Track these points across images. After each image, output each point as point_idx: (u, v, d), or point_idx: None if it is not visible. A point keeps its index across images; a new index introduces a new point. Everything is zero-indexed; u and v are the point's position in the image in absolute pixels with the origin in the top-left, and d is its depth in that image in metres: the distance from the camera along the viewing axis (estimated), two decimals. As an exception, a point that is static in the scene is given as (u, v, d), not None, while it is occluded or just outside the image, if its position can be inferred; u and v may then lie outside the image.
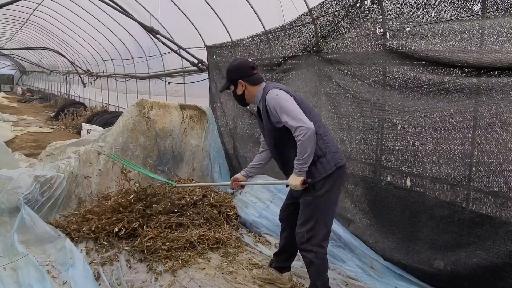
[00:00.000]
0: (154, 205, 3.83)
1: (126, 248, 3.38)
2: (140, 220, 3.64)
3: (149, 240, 3.40)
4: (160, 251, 3.30)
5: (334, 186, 2.45)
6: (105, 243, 3.43)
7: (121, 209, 3.72)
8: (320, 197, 2.40)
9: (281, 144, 2.50)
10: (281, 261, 2.90)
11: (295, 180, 2.39)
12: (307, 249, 2.46)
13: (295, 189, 2.45)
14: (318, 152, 2.39)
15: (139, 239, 3.44)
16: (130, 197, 3.78)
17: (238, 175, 2.94)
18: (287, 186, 2.51)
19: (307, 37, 3.96)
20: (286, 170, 2.57)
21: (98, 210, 3.74)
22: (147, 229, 3.55)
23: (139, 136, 4.87)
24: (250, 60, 2.70)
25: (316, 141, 2.33)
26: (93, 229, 3.49)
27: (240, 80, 2.56)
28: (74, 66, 14.15)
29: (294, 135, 2.29)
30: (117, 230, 3.49)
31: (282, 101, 2.34)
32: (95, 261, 3.17)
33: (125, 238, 3.54)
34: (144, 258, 3.24)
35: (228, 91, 2.68)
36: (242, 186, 2.99)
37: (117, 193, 4.06)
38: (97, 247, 3.41)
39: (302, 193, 2.47)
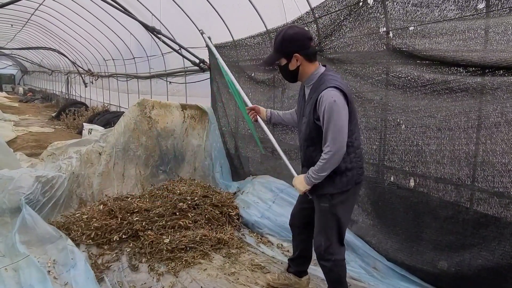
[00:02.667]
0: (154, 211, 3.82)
1: (127, 249, 3.36)
2: (142, 223, 3.61)
3: (150, 243, 3.38)
4: (164, 251, 3.28)
5: (351, 197, 2.39)
6: (107, 244, 3.42)
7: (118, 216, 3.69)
8: (337, 205, 2.32)
9: (312, 142, 2.34)
10: (298, 265, 2.85)
11: (301, 185, 2.35)
12: (326, 258, 2.39)
13: (294, 187, 2.43)
14: (348, 165, 2.28)
15: (141, 240, 3.42)
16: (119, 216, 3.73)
17: (262, 109, 2.79)
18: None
19: (309, 37, 3.94)
20: (307, 164, 2.46)
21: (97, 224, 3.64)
22: (149, 231, 3.52)
23: (141, 136, 4.86)
24: (307, 29, 2.41)
25: (350, 153, 2.25)
26: (92, 236, 3.45)
27: (297, 54, 2.21)
28: (75, 66, 14.15)
29: (324, 148, 2.18)
30: (117, 238, 3.45)
31: (335, 113, 2.10)
32: (97, 262, 3.15)
33: (127, 239, 3.52)
34: (146, 259, 3.22)
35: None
36: (256, 120, 2.82)
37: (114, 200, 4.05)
38: (98, 248, 3.39)
39: (318, 198, 2.39)
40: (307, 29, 3.92)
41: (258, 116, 2.81)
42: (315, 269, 3.18)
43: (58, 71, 19.44)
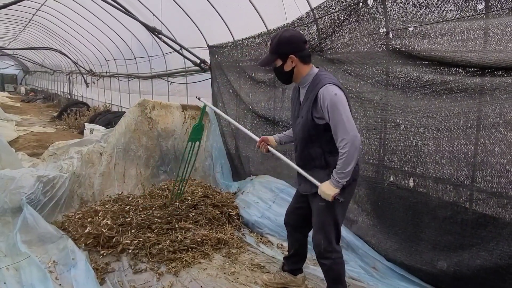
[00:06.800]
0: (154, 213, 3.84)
1: (128, 250, 3.37)
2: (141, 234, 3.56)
3: (153, 246, 3.39)
4: (165, 252, 3.29)
5: (347, 193, 2.40)
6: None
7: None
8: (335, 203, 2.32)
9: (311, 140, 2.35)
10: (293, 263, 2.87)
11: (329, 190, 2.24)
12: (326, 256, 2.40)
13: (323, 196, 2.29)
14: None
15: (141, 242, 3.43)
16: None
17: (270, 137, 2.71)
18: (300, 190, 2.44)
19: (309, 37, 3.94)
20: (303, 164, 2.46)
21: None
22: (149, 234, 3.53)
23: (141, 136, 4.88)
24: (306, 29, 2.45)
25: None
26: (88, 243, 3.39)
27: (292, 55, 2.28)
28: (77, 66, 14.19)
29: (338, 145, 2.17)
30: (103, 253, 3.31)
31: (340, 105, 2.13)
32: (97, 262, 3.17)
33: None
34: (147, 260, 3.23)
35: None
36: (268, 151, 2.69)
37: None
38: (99, 248, 3.40)
39: (315, 199, 2.39)
40: (303, 32, 3.95)
41: (268, 146, 2.71)
42: (314, 269, 3.19)
43: (60, 71, 19.49)
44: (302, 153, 2.46)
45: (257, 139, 2.77)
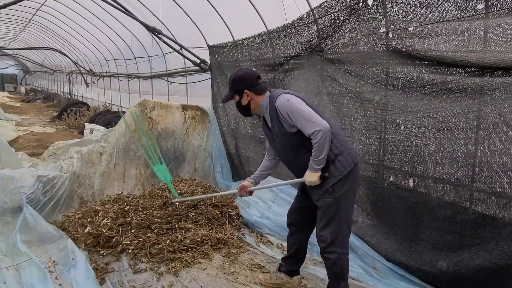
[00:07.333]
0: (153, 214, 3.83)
1: (128, 250, 3.36)
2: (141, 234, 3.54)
3: (152, 246, 3.39)
4: (165, 252, 3.29)
5: (352, 184, 2.45)
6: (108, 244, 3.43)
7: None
8: (340, 198, 2.38)
9: (297, 149, 2.46)
10: (291, 264, 2.87)
11: (312, 177, 2.40)
12: (331, 250, 2.42)
13: (312, 185, 2.43)
14: (335, 151, 2.39)
15: (141, 242, 3.43)
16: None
17: (245, 183, 2.87)
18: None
19: (309, 37, 3.95)
20: (303, 171, 2.50)
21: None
22: (149, 234, 3.53)
23: (142, 136, 4.87)
24: (254, 70, 2.65)
25: (331, 140, 2.36)
26: (87, 243, 3.37)
27: (246, 90, 2.54)
28: (77, 66, 14.20)
29: (311, 138, 2.31)
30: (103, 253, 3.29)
31: (295, 105, 2.36)
32: (97, 262, 3.17)
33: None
34: (147, 260, 3.23)
35: (231, 100, 2.66)
36: (251, 193, 2.87)
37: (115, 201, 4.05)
38: (99, 248, 3.40)
39: (321, 195, 2.43)
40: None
41: (249, 190, 2.84)
42: (314, 269, 3.19)
43: (60, 71, 19.50)
44: (296, 164, 2.55)
45: (236, 191, 2.93)
